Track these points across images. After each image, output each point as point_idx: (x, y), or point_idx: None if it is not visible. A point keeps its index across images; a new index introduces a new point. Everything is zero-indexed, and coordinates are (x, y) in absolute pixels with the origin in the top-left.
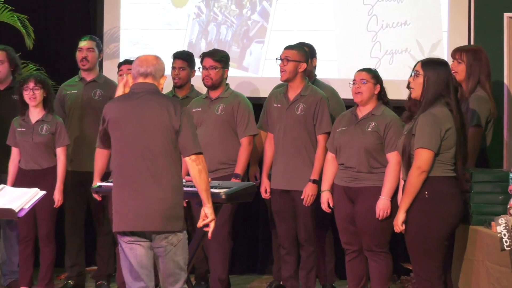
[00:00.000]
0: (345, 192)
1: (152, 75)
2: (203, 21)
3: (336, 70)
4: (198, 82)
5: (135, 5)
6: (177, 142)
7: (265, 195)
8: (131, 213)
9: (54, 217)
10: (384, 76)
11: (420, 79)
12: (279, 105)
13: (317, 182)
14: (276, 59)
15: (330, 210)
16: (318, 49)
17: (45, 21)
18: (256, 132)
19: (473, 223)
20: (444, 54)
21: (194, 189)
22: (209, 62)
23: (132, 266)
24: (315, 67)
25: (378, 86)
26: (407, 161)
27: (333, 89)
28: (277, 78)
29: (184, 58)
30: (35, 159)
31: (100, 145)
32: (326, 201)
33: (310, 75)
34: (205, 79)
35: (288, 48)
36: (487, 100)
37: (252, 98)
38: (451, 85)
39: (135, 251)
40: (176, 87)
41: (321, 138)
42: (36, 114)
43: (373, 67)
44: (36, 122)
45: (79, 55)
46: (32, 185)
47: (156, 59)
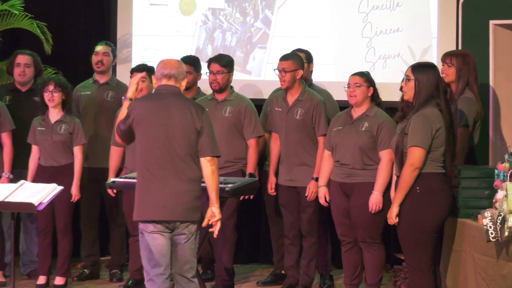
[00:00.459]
0: (341, 188)
1: (175, 77)
2: (210, 28)
3: (333, 73)
4: (204, 84)
5: (147, 13)
6: (197, 142)
7: (272, 191)
8: (157, 204)
9: (71, 211)
10: (377, 79)
11: (412, 83)
12: (280, 109)
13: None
14: (274, 70)
15: (327, 204)
16: (317, 54)
17: (62, 28)
18: (262, 134)
19: (461, 216)
20: (434, 59)
21: (203, 185)
22: (215, 67)
23: (153, 254)
24: (311, 71)
25: (371, 88)
26: (400, 159)
27: (328, 93)
28: (277, 81)
29: (191, 63)
30: (53, 157)
31: (115, 143)
32: (323, 195)
33: (306, 79)
34: (213, 83)
35: (283, 59)
36: (474, 101)
37: (255, 99)
38: (441, 87)
39: (157, 240)
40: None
41: (320, 139)
42: (55, 114)
43: (367, 71)
44: (55, 122)
45: (95, 58)
46: (51, 181)
47: (178, 63)
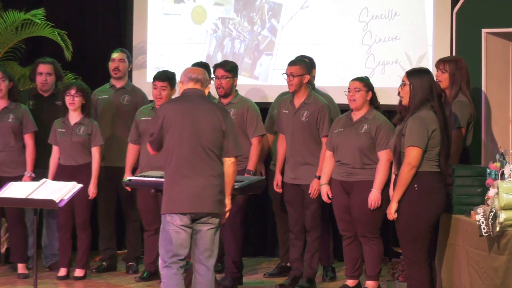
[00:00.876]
0: (342, 186)
1: (201, 82)
2: (219, 36)
3: (335, 79)
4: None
5: (160, 22)
6: (222, 141)
7: (277, 188)
8: (187, 198)
9: (89, 208)
10: (377, 84)
11: (407, 88)
12: (287, 112)
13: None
14: (283, 74)
15: (330, 201)
16: (319, 60)
17: (81, 36)
18: (264, 133)
19: (455, 213)
20: (429, 65)
21: None
22: (220, 72)
23: (173, 246)
24: (314, 76)
25: (370, 93)
26: (398, 158)
27: (330, 97)
28: (283, 86)
29: (202, 68)
30: (73, 156)
31: (132, 140)
32: (325, 193)
33: (310, 83)
34: (218, 88)
35: (291, 64)
36: (467, 104)
37: (261, 103)
38: (434, 90)
39: (180, 234)
40: None
41: (324, 140)
42: (75, 117)
43: (366, 76)
44: (75, 124)
45: (111, 65)
46: (70, 179)
47: (204, 71)
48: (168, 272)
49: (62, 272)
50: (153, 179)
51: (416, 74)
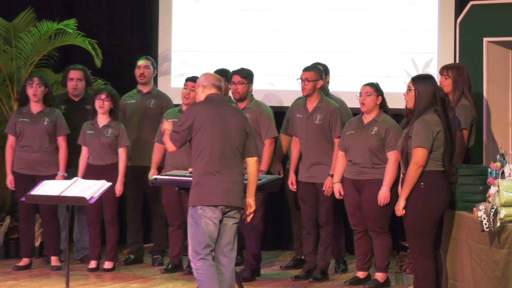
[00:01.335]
0: (353, 184)
1: (221, 88)
2: (239, 44)
3: (348, 84)
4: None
5: (184, 32)
6: (245, 142)
7: (292, 187)
8: (219, 192)
9: (117, 204)
10: (385, 89)
11: (412, 93)
12: (301, 116)
13: None
14: (297, 79)
15: (342, 198)
16: (334, 67)
17: (110, 44)
18: (276, 135)
19: (458, 209)
20: (434, 71)
21: None
22: (237, 78)
23: (206, 237)
24: (328, 82)
25: (380, 97)
26: (405, 159)
27: (343, 101)
28: (295, 91)
29: (223, 74)
30: (101, 157)
31: (159, 140)
32: (337, 190)
33: (324, 89)
34: (234, 93)
35: (306, 70)
36: (470, 108)
37: (276, 107)
38: (438, 95)
39: (211, 227)
40: None
41: (336, 141)
42: (103, 120)
43: (376, 82)
44: (103, 126)
45: (137, 71)
46: (98, 178)
47: (222, 80)
48: (204, 264)
49: (93, 264)
50: (177, 178)
51: (420, 80)
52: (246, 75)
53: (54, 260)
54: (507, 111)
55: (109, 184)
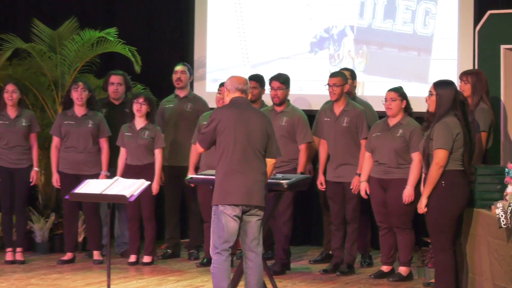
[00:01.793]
0: (379, 183)
1: (245, 92)
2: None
3: (376, 88)
4: (266, 98)
5: (218, 39)
6: (267, 143)
7: (321, 187)
8: (240, 191)
9: (154, 202)
10: (409, 93)
11: (434, 97)
12: (328, 119)
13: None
14: (325, 85)
15: (367, 197)
16: (358, 72)
17: (149, 51)
18: (312, 140)
19: (477, 207)
20: (455, 77)
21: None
22: (276, 84)
23: (225, 233)
24: (355, 86)
25: (404, 101)
26: (427, 160)
27: (369, 104)
28: (322, 95)
29: (257, 80)
30: (138, 157)
31: (196, 142)
32: (363, 189)
33: (350, 93)
34: (274, 97)
35: (333, 76)
36: (488, 111)
37: (305, 110)
38: (458, 99)
39: (231, 223)
40: (251, 102)
41: (363, 142)
42: (140, 122)
43: (401, 86)
44: (140, 129)
45: (174, 76)
46: (135, 177)
47: (246, 80)
48: (219, 258)
49: (132, 258)
50: (211, 177)
51: (442, 85)
52: (284, 81)
53: (96, 255)
54: None
55: (148, 183)
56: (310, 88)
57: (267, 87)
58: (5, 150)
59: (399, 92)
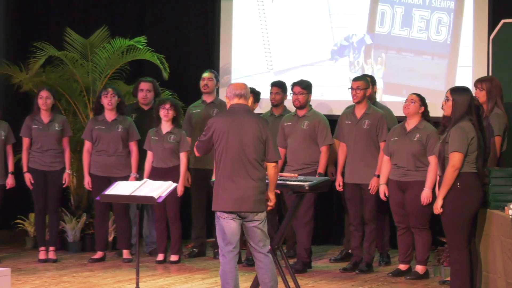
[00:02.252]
0: (397, 185)
1: (244, 96)
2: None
3: (397, 95)
4: (288, 103)
5: (243, 47)
6: (263, 149)
7: (339, 188)
8: (232, 198)
9: (179, 203)
10: (427, 99)
11: (450, 103)
12: (349, 122)
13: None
14: (348, 88)
15: (386, 199)
16: (378, 79)
17: (177, 59)
18: (332, 142)
19: (491, 208)
20: (470, 83)
21: (286, 182)
22: (298, 89)
23: (226, 235)
24: (375, 92)
25: (423, 107)
26: (442, 162)
27: (388, 109)
28: (342, 101)
29: (279, 86)
30: (164, 160)
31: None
32: (382, 191)
33: (371, 98)
34: (295, 102)
35: (356, 80)
36: (503, 116)
37: (326, 115)
38: (473, 105)
39: (229, 224)
40: (273, 106)
41: (382, 144)
42: (167, 127)
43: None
44: (166, 133)
45: (202, 82)
46: (162, 180)
47: (245, 85)
48: (223, 260)
49: (160, 257)
50: None
51: (458, 91)
52: (306, 86)
53: (125, 253)
54: None
55: (175, 185)
56: (331, 94)
57: (289, 92)
58: (39, 154)
59: (420, 97)
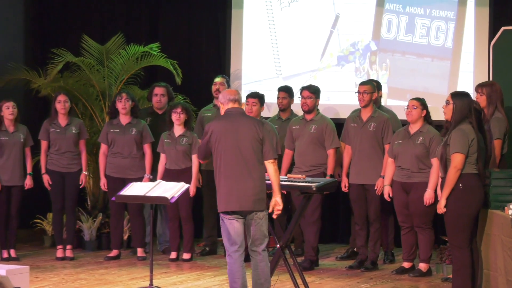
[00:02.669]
0: (402, 186)
1: (238, 101)
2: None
3: (401, 99)
4: (295, 107)
5: (252, 53)
6: (261, 149)
7: (345, 189)
8: (232, 198)
9: (191, 203)
10: (429, 104)
11: (450, 106)
12: (355, 125)
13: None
14: (355, 92)
15: (390, 199)
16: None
17: (189, 65)
18: (339, 145)
19: (492, 208)
20: (471, 88)
21: (293, 183)
22: (306, 93)
23: (230, 234)
24: (380, 96)
25: (425, 111)
26: (444, 164)
27: (393, 112)
28: (348, 105)
29: (286, 91)
30: (177, 162)
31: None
32: (387, 192)
33: (377, 102)
34: (303, 105)
35: (363, 84)
36: (503, 120)
37: (333, 118)
38: (473, 109)
39: (233, 224)
40: (280, 111)
41: (387, 147)
42: (179, 130)
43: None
44: (179, 136)
45: (214, 87)
46: (174, 181)
47: (237, 91)
48: (229, 260)
49: (173, 255)
50: None
51: (458, 96)
52: (314, 91)
53: (140, 252)
54: None
55: (187, 185)
56: (338, 98)
57: (298, 96)
58: (57, 156)
59: (420, 101)
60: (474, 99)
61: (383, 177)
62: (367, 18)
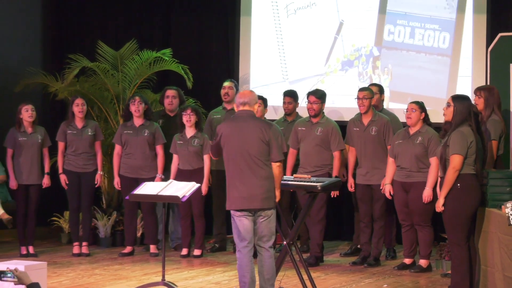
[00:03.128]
0: (402, 185)
1: (248, 103)
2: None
3: (402, 102)
4: (301, 110)
5: (260, 59)
6: (268, 150)
7: (351, 189)
8: (241, 196)
9: (203, 202)
10: (429, 107)
11: (451, 108)
12: (357, 129)
13: None
14: (355, 98)
15: (391, 198)
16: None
17: (199, 69)
18: (344, 147)
19: (489, 206)
20: (469, 91)
21: (299, 183)
22: (313, 98)
23: (240, 231)
24: (383, 100)
25: (423, 113)
26: (443, 164)
27: (395, 115)
28: (351, 108)
29: (291, 95)
30: (189, 162)
31: None
32: (388, 191)
33: (378, 106)
34: (310, 110)
35: (362, 90)
36: (499, 122)
37: (337, 121)
38: (472, 112)
39: (243, 221)
40: (286, 114)
41: (389, 148)
42: (190, 132)
43: (423, 101)
44: (190, 137)
45: (223, 91)
46: (187, 180)
47: (251, 92)
48: (239, 255)
49: (184, 251)
50: None
51: (458, 99)
52: (320, 96)
53: (152, 248)
54: None
55: (198, 185)
56: (342, 102)
57: (304, 100)
58: (73, 156)
59: (419, 104)
60: (473, 102)
61: None
62: (370, 25)
